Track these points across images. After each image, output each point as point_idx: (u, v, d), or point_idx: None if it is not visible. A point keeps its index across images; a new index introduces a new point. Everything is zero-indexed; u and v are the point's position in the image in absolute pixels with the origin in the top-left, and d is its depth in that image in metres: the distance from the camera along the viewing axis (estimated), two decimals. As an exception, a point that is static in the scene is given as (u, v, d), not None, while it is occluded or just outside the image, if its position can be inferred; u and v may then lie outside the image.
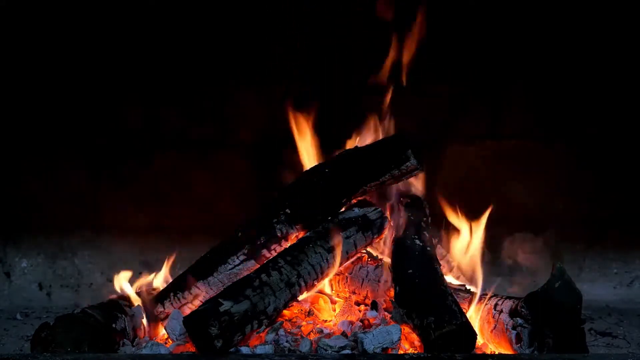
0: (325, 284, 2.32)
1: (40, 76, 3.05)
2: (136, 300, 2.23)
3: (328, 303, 2.26)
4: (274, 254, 2.22)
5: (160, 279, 2.40)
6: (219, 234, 2.41)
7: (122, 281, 2.30)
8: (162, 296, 2.26)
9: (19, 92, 3.06)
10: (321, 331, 2.08)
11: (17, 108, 3.07)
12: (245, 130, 3.10)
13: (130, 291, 2.27)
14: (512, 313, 1.97)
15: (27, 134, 3.08)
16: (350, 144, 2.47)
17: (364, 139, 2.48)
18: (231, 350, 1.90)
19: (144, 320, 2.19)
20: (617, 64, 3.04)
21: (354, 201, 2.33)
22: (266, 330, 2.00)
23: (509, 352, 1.96)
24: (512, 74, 3.07)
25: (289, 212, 2.28)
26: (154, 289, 2.34)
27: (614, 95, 3.07)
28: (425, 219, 2.41)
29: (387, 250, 2.34)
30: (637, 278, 3.17)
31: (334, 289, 2.35)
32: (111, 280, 3.09)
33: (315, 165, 2.41)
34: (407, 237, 2.26)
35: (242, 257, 2.24)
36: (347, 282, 2.32)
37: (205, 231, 2.88)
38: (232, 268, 2.24)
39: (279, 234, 2.27)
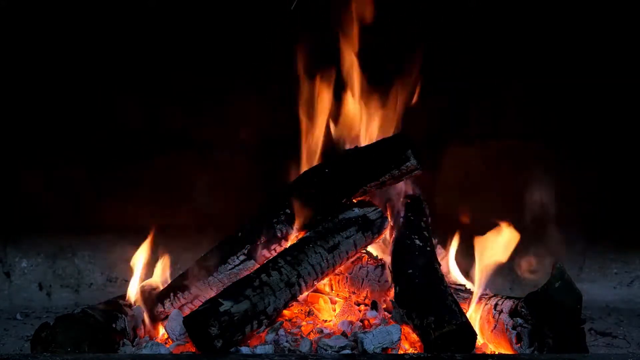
0: (325, 284, 2.33)
1: (40, 76, 3.04)
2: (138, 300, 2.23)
3: (328, 303, 2.26)
4: (274, 254, 2.22)
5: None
6: (218, 234, 2.41)
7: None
8: (162, 296, 2.26)
9: (18, 92, 3.05)
10: (321, 331, 2.08)
11: (16, 108, 3.06)
12: (245, 130, 3.10)
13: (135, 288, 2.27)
14: (512, 313, 1.98)
15: (26, 134, 3.08)
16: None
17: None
18: (231, 350, 1.90)
19: (144, 320, 2.19)
20: (619, 65, 3.03)
21: (354, 201, 2.33)
22: (266, 330, 2.00)
23: (509, 352, 1.96)
24: (513, 74, 3.07)
25: (289, 212, 2.28)
26: (154, 289, 2.34)
27: (614, 96, 3.07)
28: (425, 219, 2.41)
29: (387, 250, 2.34)
30: (637, 278, 3.17)
31: (334, 289, 2.35)
32: (111, 280, 3.10)
33: (316, 166, 2.41)
34: (407, 237, 2.26)
35: (242, 257, 2.24)
36: (347, 282, 2.32)
37: (205, 231, 2.88)
38: (232, 268, 2.24)
39: (279, 234, 2.27)
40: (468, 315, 2.01)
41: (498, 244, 2.24)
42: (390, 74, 2.59)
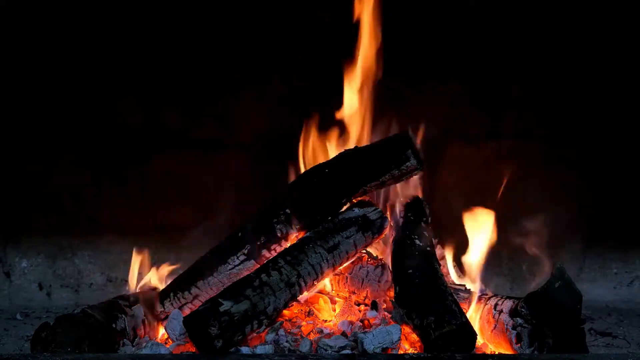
0: (325, 284, 2.33)
1: (41, 77, 3.05)
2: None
3: (328, 303, 2.26)
4: (274, 254, 2.22)
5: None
6: (219, 234, 2.41)
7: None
8: (162, 296, 2.26)
9: (19, 93, 3.06)
10: (321, 331, 2.08)
11: (17, 108, 3.07)
12: (245, 130, 3.10)
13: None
14: (512, 313, 1.97)
15: (27, 134, 3.08)
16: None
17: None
18: (231, 350, 1.90)
19: (145, 320, 2.19)
20: (619, 66, 3.04)
21: (354, 201, 2.33)
22: (266, 330, 2.00)
23: (509, 352, 1.96)
24: (513, 74, 3.07)
25: (289, 212, 2.28)
26: (153, 289, 2.34)
27: (614, 97, 3.07)
28: (425, 219, 2.41)
29: (387, 250, 2.34)
30: (637, 278, 3.17)
31: (334, 289, 2.35)
32: (111, 280, 3.11)
33: (316, 166, 2.40)
34: (407, 237, 2.26)
35: (242, 257, 2.24)
36: (347, 282, 2.32)
37: (205, 231, 2.88)
38: (232, 268, 2.24)
39: (279, 234, 2.27)
40: (468, 315, 2.01)
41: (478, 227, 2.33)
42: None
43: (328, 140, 2.52)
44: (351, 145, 2.46)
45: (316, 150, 2.51)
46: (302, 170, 2.47)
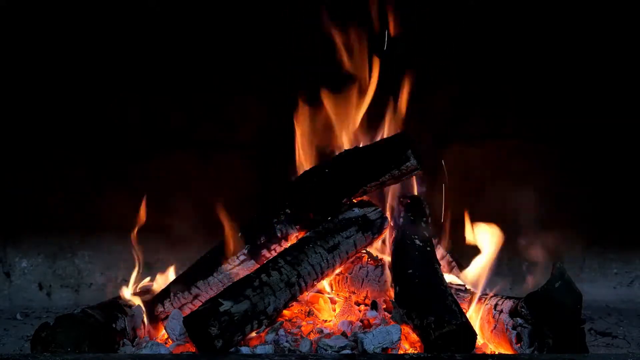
0: (325, 284, 2.33)
1: (41, 77, 3.04)
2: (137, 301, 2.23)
3: (328, 303, 2.26)
4: (274, 254, 2.23)
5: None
6: (218, 234, 2.41)
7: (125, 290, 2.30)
8: (162, 296, 2.26)
9: (19, 93, 3.06)
10: (321, 331, 2.08)
11: (17, 108, 3.06)
12: (245, 130, 3.10)
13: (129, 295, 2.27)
14: (512, 313, 1.98)
15: (27, 134, 3.08)
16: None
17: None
18: (231, 350, 1.90)
19: (144, 320, 2.19)
20: (619, 66, 3.04)
21: (354, 201, 2.33)
22: (266, 330, 2.00)
23: (509, 352, 1.96)
24: (513, 74, 3.07)
25: (289, 212, 2.28)
26: (153, 289, 2.34)
27: (613, 98, 3.07)
28: (425, 219, 2.41)
29: (387, 250, 2.35)
30: (637, 278, 3.17)
31: (334, 289, 2.35)
32: (111, 280, 3.11)
33: (316, 166, 2.41)
34: (407, 237, 2.26)
35: (242, 257, 2.25)
36: (347, 282, 2.32)
37: (205, 231, 2.88)
38: (232, 268, 2.24)
39: (279, 234, 2.27)
40: (468, 315, 2.01)
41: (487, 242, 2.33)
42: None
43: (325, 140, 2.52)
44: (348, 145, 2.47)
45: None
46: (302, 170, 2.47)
